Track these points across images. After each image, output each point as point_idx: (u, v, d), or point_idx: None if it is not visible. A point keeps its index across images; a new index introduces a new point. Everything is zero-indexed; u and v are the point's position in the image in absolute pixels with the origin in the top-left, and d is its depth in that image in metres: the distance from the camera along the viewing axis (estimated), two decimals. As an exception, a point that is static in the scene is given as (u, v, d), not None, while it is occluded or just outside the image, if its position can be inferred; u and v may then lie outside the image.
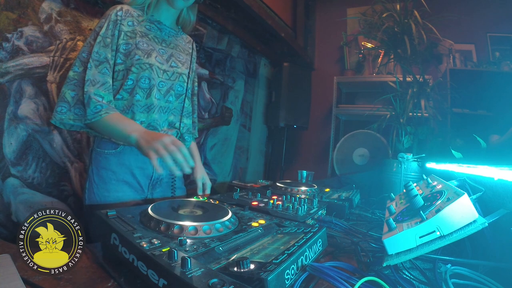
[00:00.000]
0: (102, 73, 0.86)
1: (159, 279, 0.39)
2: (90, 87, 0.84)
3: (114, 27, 0.89)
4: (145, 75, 0.91)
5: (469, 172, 0.75)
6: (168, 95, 0.99)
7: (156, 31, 0.99)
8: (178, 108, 1.03)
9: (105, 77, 0.87)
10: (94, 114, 0.83)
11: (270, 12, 2.30)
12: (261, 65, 2.78)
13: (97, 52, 0.86)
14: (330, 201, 1.01)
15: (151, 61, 0.92)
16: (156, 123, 0.95)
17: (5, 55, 1.07)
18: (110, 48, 0.88)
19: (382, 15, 1.57)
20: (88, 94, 0.83)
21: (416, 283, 0.49)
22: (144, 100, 0.92)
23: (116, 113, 0.86)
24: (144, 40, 0.93)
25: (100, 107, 0.83)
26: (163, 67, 0.96)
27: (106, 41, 0.88)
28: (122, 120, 0.85)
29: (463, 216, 0.45)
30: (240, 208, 0.77)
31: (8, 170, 1.10)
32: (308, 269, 0.46)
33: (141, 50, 0.91)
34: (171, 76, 0.99)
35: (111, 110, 0.85)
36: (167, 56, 0.99)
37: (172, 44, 1.03)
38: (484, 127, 1.65)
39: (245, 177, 2.70)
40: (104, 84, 0.86)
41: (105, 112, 0.83)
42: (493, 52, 2.26)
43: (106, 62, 0.87)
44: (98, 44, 0.87)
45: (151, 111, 0.94)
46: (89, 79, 0.84)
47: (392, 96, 1.59)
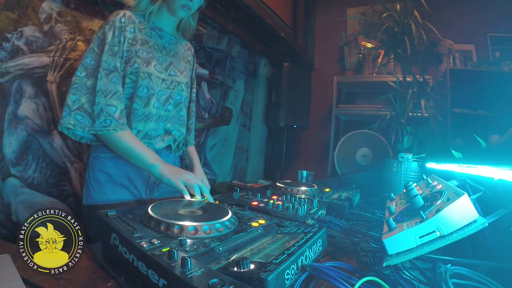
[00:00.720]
0: (113, 82, 0.86)
1: (159, 279, 0.39)
2: (102, 98, 0.84)
3: (119, 34, 0.89)
4: (144, 84, 0.91)
5: (469, 172, 0.75)
6: (167, 104, 0.99)
7: (157, 39, 0.98)
8: (176, 116, 1.04)
9: (116, 86, 0.87)
10: (102, 127, 0.83)
11: (270, 12, 2.30)
12: (261, 65, 2.78)
13: (105, 61, 0.86)
14: (330, 201, 1.01)
15: (150, 70, 0.92)
16: (152, 132, 0.96)
17: (5, 55, 1.07)
18: (118, 56, 0.88)
19: (382, 15, 1.57)
20: (100, 105, 0.83)
21: (416, 283, 0.49)
22: (142, 109, 0.93)
23: (127, 132, 0.88)
24: (144, 48, 0.93)
25: (110, 122, 0.84)
26: (162, 76, 0.96)
27: (113, 50, 0.87)
28: (138, 144, 0.88)
29: (463, 216, 0.45)
30: (240, 208, 0.77)
31: (8, 170, 1.10)
32: (308, 269, 0.46)
33: (141, 58, 0.91)
34: (170, 85, 1.00)
35: (120, 127, 0.86)
36: (166, 65, 0.99)
37: (172, 52, 1.03)
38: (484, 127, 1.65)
39: (245, 177, 2.69)
40: (115, 93, 0.86)
41: (113, 129, 0.84)
42: (493, 52, 2.26)
43: (115, 71, 0.87)
44: (106, 53, 0.86)
45: (149, 120, 0.94)
46: (100, 90, 0.84)
47: (392, 96, 1.59)
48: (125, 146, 0.87)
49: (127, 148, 0.87)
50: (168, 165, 0.88)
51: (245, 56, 2.55)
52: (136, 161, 0.88)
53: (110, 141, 0.88)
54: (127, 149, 0.87)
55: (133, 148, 0.87)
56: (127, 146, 0.86)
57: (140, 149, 0.87)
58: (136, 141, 0.88)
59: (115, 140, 0.86)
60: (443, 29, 1.70)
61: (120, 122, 0.86)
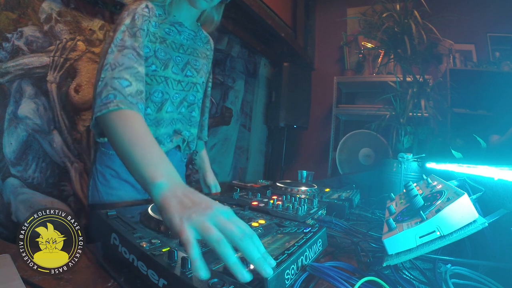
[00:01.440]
0: (128, 58, 0.68)
1: (159, 279, 0.39)
2: (108, 71, 0.65)
3: (143, 22, 0.75)
4: (159, 89, 0.85)
5: (469, 172, 0.75)
6: (181, 107, 0.94)
7: (175, 35, 0.89)
8: (187, 117, 0.98)
9: (131, 62, 0.68)
10: (102, 105, 0.60)
11: (270, 12, 2.30)
12: (261, 65, 2.78)
13: (121, 39, 0.70)
14: (330, 201, 1.01)
15: (167, 73, 0.85)
16: (163, 137, 0.90)
17: (5, 55, 1.07)
18: (138, 37, 0.72)
19: (382, 15, 1.57)
20: (105, 80, 0.63)
21: (416, 283, 0.49)
22: (154, 114, 0.86)
23: (135, 114, 0.61)
24: (162, 47, 0.84)
25: (113, 97, 0.60)
26: (178, 78, 0.90)
27: (132, 31, 0.72)
28: (144, 138, 0.56)
29: (463, 216, 0.45)
30: (240, 208, 0.77)
31: (8, 170, 1.10)
32: (308, 269, 0.46)
33: (159, 60, 0.83)
34: (185, 87, 0.93)
35: (127, 104, 0.60)
36: (182, 64, 0.91)
37: (190, 49, 0.94)
38: (484, 127, 1.65)
39: (245, 177, 2.70)
40: (129, 68, 0.66)
41: (115, 105, 0.59)
42: (493, 52, 2.26)
43: (131, 49, 0.70)
44: (122, 33, 0.71)
45: (160, 125, 0.88)
46: (108, 63, 0.66)
47: (392, 96, 1.59)
48: (119, 129, 0.58)
49: (125, 137, 0.57)
50: (185, 188, 0.48)
51: (245, 56, 2.55)
52: (127, 159, 0.55)
53: (107, 127, 0.60)
54: (121, 135, 0.57)
55: (132, 139, 0.56)
56: (123, 130, 0.57)
57: (142, 140, 0.56)
58: (142, 130, 0.59)
59: (113, 124, 0.59)
60: (443, 29, 1.70)
61: (129, 98, 0.62)
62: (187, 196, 0.45)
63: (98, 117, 0.61)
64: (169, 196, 0.45)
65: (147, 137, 0.57)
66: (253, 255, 0.38)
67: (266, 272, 0.37)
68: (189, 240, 0.38)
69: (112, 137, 0.60)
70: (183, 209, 0.42)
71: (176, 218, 0.41)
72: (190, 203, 0.43)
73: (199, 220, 0.40)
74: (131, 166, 0.54)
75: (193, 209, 0.41)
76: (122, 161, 0.57)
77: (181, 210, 0.42)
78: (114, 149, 0.60)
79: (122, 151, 0.56)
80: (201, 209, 0.41)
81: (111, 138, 0.60)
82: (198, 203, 0.43)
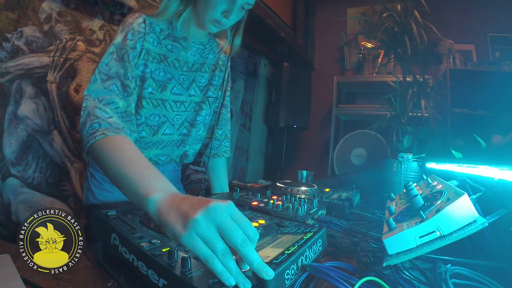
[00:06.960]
0: (110, 90, 0.66)
1: (159, 279, 0.39)
2: (90, 101, 0.64)
3: (137, 39, 0.71)
4: (156, 112, 0.80)
5: (469, 172, 0.75)
6: (182, 128, 0.88)
7: (180, 51, 0.80)
8: (193, 136, 0.93)
9: (112, 96, 0.66)
10: (88, 136, 0.59)
11: (270, 12, 2.30)
12: (261, 65, 2.78)
13: (106, 64, 0.68)
14: (330, 201, 1.01)
15: (164, 96, 0.80)
16: (157, 158, 0.86)
17: (5, 55, 1.07)
18: (127, 63, 0.69)
19: (382, 15, 1.57)
20: (87, 110, 0.62)
21: (416, 283, 0.49)
22: (149, 137, 0.82)
23: (123, 138, 0.60)
24: (161, 66, 0.78)
25: (97, 126, 0.59)
26: (180, 99, 0.84)
27: (120, 53, 0.68)
28: (135, 158, 0.56)
29: (463, 216, 0.45)
30: (240, 208, 0.77)
31: (8, 170, 1.10)
32: (308, 269, 0.46)
33: (156, 81, 0.77)
34: (187, 107, 0.87)
35: (113, 130, 0.60)
36: (188, 83, 0.85)
37: (196, 65, 0.86)
38: (484, 127, 1.65)
39: (245, 177, 2.70)
40: (109, 104, 0.65)
41: (102, 133, 0.58)
42: (493, 52, 2.26)
43: (116, 78, 0.67)
44: (110, 55, 0.68)
45: (155, 147, 0.85)
46: (90, 94, 0.65)
47: (392, 96, 1.59)
48: (108, 155, 0.57)
49: (111, 159, 0.56)
50: (180, 197, 0.46)
51: (245, 56, 2.55)
52: (120, 182, 0.54)
53: (97, 156, 0.59)
54: (110, 160, 0.56)
55: (122, 161, 0.55)
56: (113, 156, 0.56)
57: (132, 161, 0.55)
58: (131, 151, 0.58)
59: (102, 151, 0.58)
60: (443, 29, 1.70)
61: (114, 125, 0.62)
62: (183, 201, 0.43)
63: (88, 148, 0.61)
64: (165, 207, 0.43)
65: (136, 156, 0.57)
66: (253, 261, 0.37)
67: (267, 275, 0.37)
68: (206, 255, 0.37)
69: (102, 164, 0.59)
70: (183, 216, 0.40)
71: (177, 229, 0.39)
72: (188, 207, 0.41)
73: (201, 226, 0.38)
74: (124, 187, 0.53)
75: (191, 212, 0.40)
76: (116, 186, 0.55)
77: (182, 219, 0.40)
78: (106, 175, 0.60)
79: (115, 175, 0.55)
80: (201, 209, 0.39)
81: (102, 165, 0.59)
82: (197, 204, 0.41)
